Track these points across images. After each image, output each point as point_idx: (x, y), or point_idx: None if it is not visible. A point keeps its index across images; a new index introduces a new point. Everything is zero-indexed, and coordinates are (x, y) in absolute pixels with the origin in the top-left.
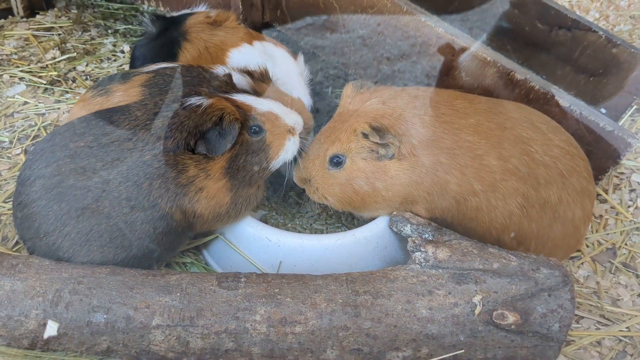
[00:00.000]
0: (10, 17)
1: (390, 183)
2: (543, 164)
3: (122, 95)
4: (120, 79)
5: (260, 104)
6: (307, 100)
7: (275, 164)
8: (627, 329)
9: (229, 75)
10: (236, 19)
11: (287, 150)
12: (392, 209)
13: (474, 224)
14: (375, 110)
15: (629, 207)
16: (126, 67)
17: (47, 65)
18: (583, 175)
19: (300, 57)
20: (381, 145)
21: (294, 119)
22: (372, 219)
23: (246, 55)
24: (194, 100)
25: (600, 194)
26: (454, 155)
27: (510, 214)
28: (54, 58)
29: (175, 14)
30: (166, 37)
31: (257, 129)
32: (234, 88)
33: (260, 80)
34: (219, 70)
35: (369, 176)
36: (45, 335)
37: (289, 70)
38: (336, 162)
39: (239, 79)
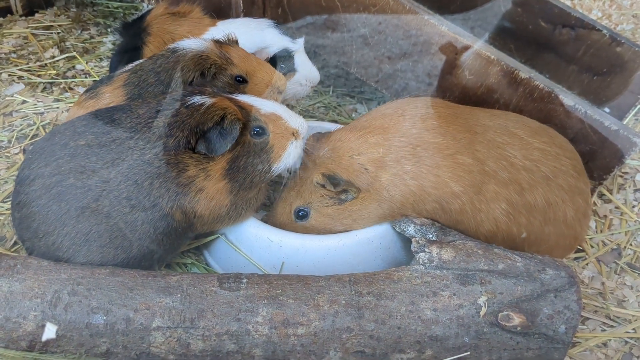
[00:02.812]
0: (9, 15)
1: (359, 217)
2: (524, 169)
3: (110, 97)
4: (106, 81)
5: (263, 105)
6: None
7: (278, 167)
8: (633, 331)
9: (232, 76)
10: (201, 10)
11: (290, 154)
12: (383, 221)
13: (460, 227)
14: (327, 158)
15: (633, 207)
16: None
17: (46, 64)
18: (570, 174)
19: (301, 39)
20: (340, 191)
21: (298, 122)
22: None
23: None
24: (197, 99)
25: (604, 194)
26: (419, 159)
27: (496, 220)
28: (53, 57)
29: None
30: (130, 38)
31: (259, 130)
32: (237, 89)
33: (228, 45)
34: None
35: (337, 219)
36: (44, 338)
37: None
38: (301, 215)
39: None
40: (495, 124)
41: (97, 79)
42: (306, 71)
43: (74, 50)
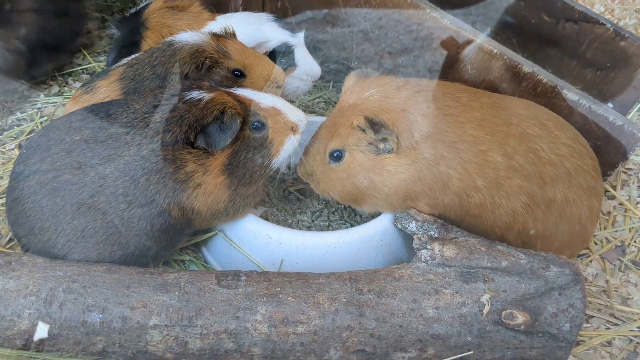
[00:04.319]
0: None
1: (389, 178)
2: (549, 162)
3: (106, 91)
4: (102, 75)
5: (263, 99)
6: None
7: (277, 162)
8: (638, 329)
9: (229, 70)
10: (200, 4)
11: (288, 148)
12: (395, 205)
13: (477, 221)
14: (374, 102)
15: (637, 203)
16: None
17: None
18: (590, 174)
19: (301, 33)
20: (379, 139)
21: (297, 116)
22: (375, 215)
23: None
24: (195, 94)
25: (608, 190)
26: (456, 150)
27: (514, 212)
28: None
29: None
30: (128, 33)
31: (259, 125)
32: (235, 83)
33: (225, 38)
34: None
35: (367, 171)
36: (36, 338)
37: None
38: (336, 156)
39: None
40: (529, 113)
41: (92, 73)
42: (307, 66)
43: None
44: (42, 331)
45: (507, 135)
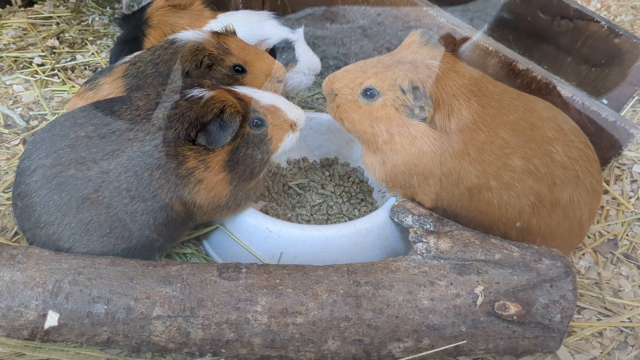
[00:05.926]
0: (8, 6)
1: (410, 143)
2: (562, 165)
3: (109, 88)
4: (105, 72)
5: (262, 97)
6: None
7: (275, 157)
8: (628, 320)
9: (230, 68)
10: (201, 2)
11: (286, 145)
12: (397, 175)
13: (483, 217)
14: (430, 73)
15: (630, 198)
16: None
17: (45, 54)
18: (595, 178)
19: (301, 29)
20: (417, 105)
21: (296, 113)
22: (372, 209)
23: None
24: (196, 91)
25: None
26: (482, 151)
27: (520, 210)
28: (53, 47)
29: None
30: (131, 31)
31: (258, 122)
32: (236, 81)
33: (226, 36)
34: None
35: (392, 125)
36: (46, 326)
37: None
38: (369, 94)
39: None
40: (550, 115)
41: (95, 70)
42: (308, 60)
43: (73, 41)
44: (52, 319)
45: (531, 138)
